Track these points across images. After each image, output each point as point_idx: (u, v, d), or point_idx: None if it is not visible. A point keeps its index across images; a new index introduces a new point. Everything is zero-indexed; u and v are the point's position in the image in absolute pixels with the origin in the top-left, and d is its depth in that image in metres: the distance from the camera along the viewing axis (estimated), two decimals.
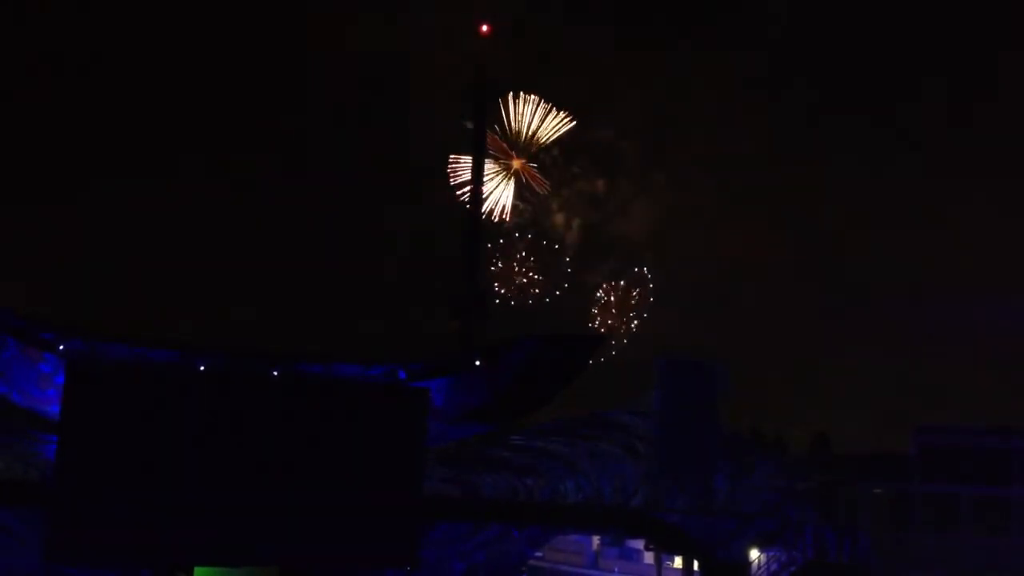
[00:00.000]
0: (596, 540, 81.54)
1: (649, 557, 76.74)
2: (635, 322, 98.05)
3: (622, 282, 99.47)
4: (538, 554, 76.14)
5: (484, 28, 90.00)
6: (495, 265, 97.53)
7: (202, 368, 63.18)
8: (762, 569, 68.71)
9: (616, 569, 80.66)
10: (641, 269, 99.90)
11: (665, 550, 72.66)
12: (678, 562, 72.55)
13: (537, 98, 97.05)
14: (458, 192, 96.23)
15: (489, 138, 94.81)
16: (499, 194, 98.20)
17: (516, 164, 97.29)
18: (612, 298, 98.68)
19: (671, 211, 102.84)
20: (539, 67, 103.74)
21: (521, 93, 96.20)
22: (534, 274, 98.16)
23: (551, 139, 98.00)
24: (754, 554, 68.79)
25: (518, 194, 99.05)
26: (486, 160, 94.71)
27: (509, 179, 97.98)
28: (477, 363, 68.32)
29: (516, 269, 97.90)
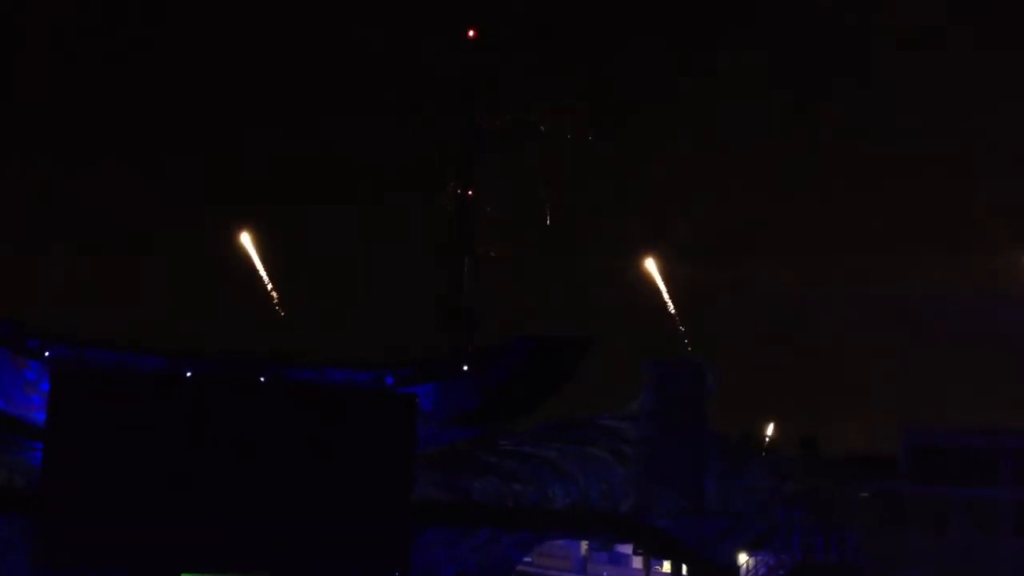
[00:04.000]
0: (584, 544, 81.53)
1: (638, 561, 76.71)
2: None
3: None
4: (527, 559, 76.09)
5: (471, 33, 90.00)
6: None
7: (189, 374, 63.16)
8: (751, 572, 68.77)
9: (604, 574, 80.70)
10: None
11: (653, 554, 72.64)
12: (667, 566, 72.54)
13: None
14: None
15: None
16: None
17: None
18: None
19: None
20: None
21: None
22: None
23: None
24: (743, 557, 68.84)
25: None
26: None
27: None
28: (465, 368, 68.39)
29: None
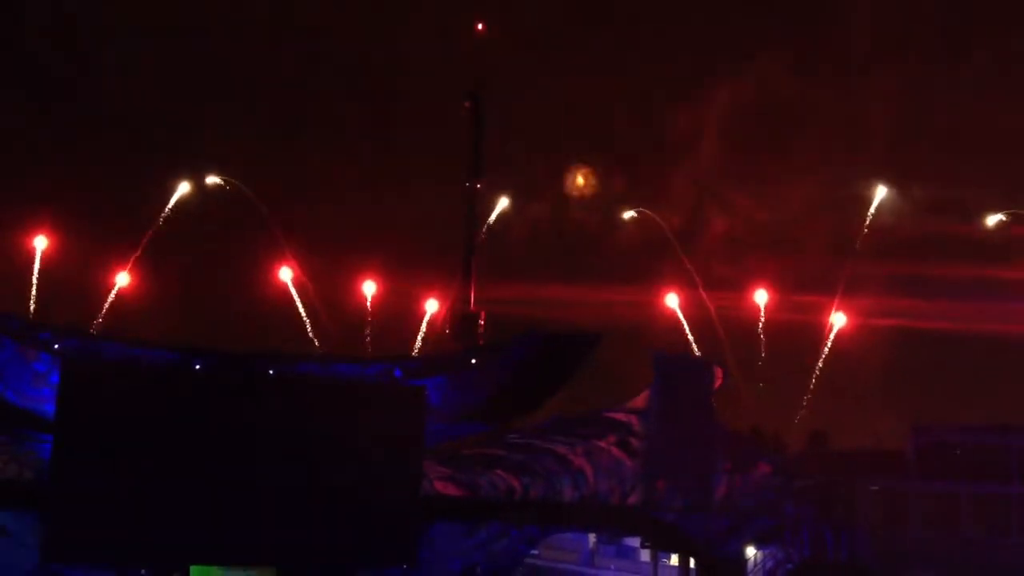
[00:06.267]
0: (592, 538, 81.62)
1: (646, 555, 76.80)
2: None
3: None
4: (535, 552, 76.21)
5: (480, 27, 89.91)
6: None
7: (198, 367, 63.27)
8: (758, 567, 68.78)
9: (612, 567, 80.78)
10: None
11: (662, 548, 72.71)
12: (675, 560, 72.60)
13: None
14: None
15: None
16: None
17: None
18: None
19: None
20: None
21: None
22: None
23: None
24: (750, 552, 68.85)
25: None
26: None
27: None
28: (474, 361, 68.44)
29: None
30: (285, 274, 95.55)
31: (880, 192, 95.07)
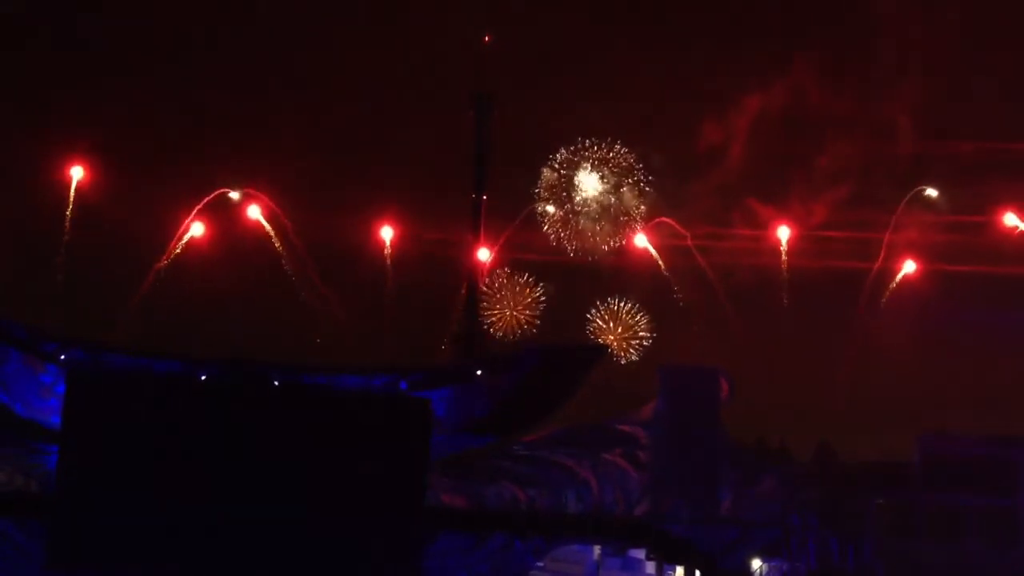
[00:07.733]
0: (597, 550, 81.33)
1: (651, 567, 76.53)
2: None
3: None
4: (540, 564, 76.03)
5: (486, 38, 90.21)
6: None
7: (203, 378, 63.21)
8: None
9: None
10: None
11: (667, 560, 72.48)
12: (680, 572, 72.37)
13: None
14: None
15: None
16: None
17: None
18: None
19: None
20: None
21: None
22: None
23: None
24: (756, 564, 68.71)
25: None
26: None
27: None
28: (479, 373, 68.41)
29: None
30: (253, 210, 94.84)
31: (930, 193, 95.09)
